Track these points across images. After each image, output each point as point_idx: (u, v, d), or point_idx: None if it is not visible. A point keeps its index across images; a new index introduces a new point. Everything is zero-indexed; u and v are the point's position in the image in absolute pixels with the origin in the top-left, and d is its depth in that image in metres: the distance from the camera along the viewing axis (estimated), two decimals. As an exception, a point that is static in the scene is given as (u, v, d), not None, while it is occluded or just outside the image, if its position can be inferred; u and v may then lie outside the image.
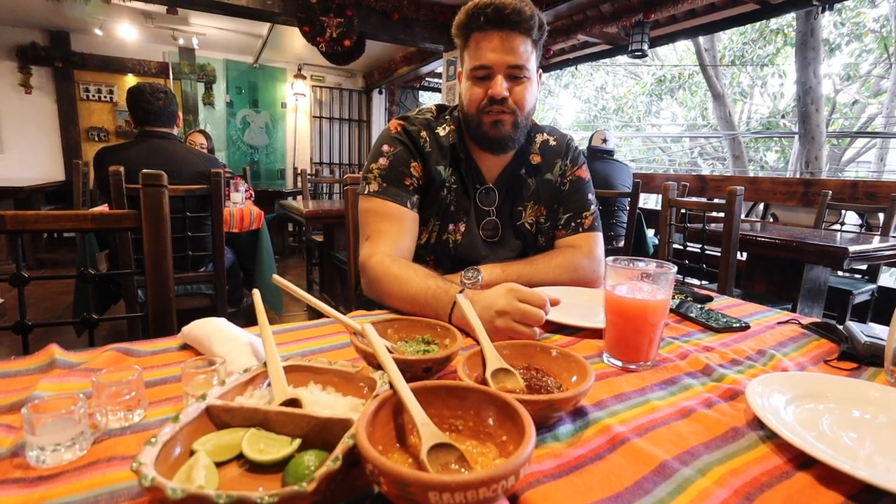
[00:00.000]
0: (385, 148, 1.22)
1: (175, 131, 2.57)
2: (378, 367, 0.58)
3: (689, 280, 2.57)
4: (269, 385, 0.57)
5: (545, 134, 1.33)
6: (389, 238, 1.16)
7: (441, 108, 1.32)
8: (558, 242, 1.30)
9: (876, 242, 2.35)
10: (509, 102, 1.14)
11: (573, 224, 1.29)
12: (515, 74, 1.13)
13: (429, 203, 1.24)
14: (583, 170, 1.33)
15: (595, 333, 0.89)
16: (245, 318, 2.94)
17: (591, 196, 1.32)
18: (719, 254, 2.26)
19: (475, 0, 1.11)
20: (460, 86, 1.22)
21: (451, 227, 1.24)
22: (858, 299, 2.84)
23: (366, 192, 1.21)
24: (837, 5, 3.90)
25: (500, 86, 1.11)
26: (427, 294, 0.96)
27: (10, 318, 3.45)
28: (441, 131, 1.26)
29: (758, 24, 10.41)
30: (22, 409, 0.46)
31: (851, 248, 2.10)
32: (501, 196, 1.28)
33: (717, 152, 13.67)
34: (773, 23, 10.72)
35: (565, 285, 1.17)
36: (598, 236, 1.30)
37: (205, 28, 5.79)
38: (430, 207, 1.24)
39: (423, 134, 1.23)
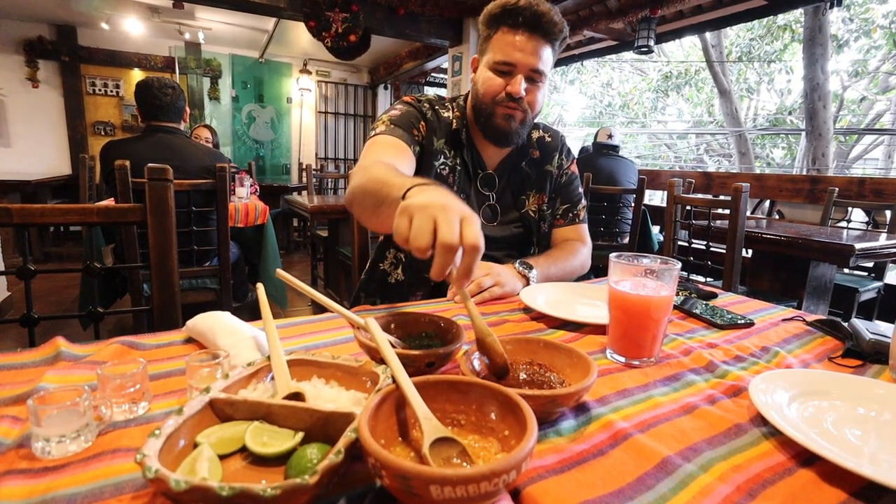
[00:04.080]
0: (399, 106, 1.30)
1: (182, 126, 2.58)
2: (381, 361, 0.58)
3: (693, 277, 2.56)
4: (272, 379, 0.57)
5: (540, 130, 1.43)
6: (381, 155, 1.13)
7: (440, 97, 1.40)
8: (558, 232, 1.42)
9: (883, 240, 2.34)
10: (523, 102, 1.20)
11: (570, 215, 1.42)
12: (534, 78, 1.20)
13: (423, 173, 1.27)
14: (574, 164, 1.46)
15: (598, 329, 0.89)
16: (249, 313, 2.95)
17: (580, 189, 1.47)
18: (724, 251, 2.26)
19: (514, 1, 1.15)
20: (475, 73, 1.27)
21: None
22: (864, 297, 2.83)
23: (372, 136, 1.22)
24: (846, 1, 3.86)
25: (520, 85, 1.17)
26: (389, 182, 0.87)
27: (17, 310, 3.47)
28: (443, 112, 1.33)
29: (765, 20, 10.33)
30: (28, 401, 0.47)
31: (858, 246, 2.09)
32: (502, 183, 1.36)
33: (724, 149, 13.58)
34: (781, 19, 10.62)
35: (576, 273, 1.33)
36: (586, 227, 1.46)
37: (211, 23, 5.79)
38: (425, 178, 1.26)
39: (426, 105, 1.32)
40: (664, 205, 3.77)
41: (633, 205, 3.53)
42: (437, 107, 1.34)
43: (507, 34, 1.16)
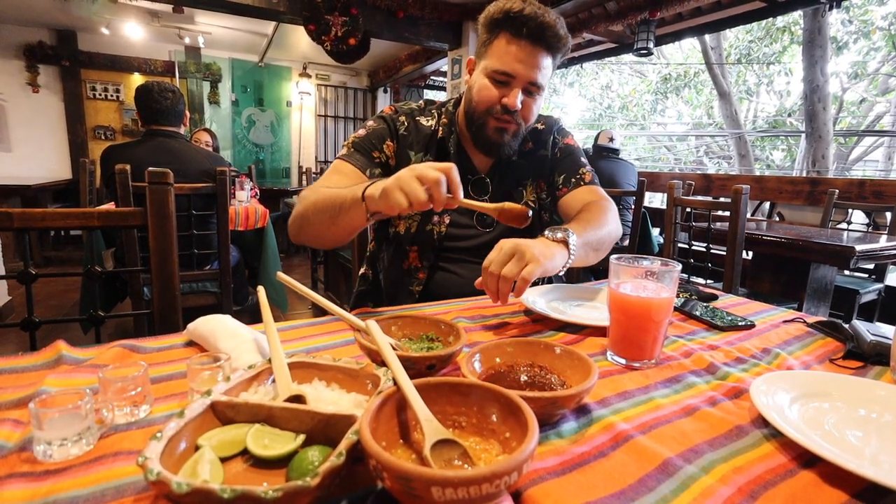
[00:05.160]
0: (370, 123, 1.28)
1: (182, 130, 2.58)
2: (382, 363, 0.58)
3: (694, 279, 2.56)
4: (273, 381, 0.57)
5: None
6: (329, 184, 1.15)
7: (428, 102, 1.36)
8: (563, 200, 1.30)
9: (883, 241, 2.34)
10: (518, 115, 1.17)
11: (573, 180, 1.30)
12: (531, 90, 1.16)
13: None
14: (570, 139, 1.38)
15: (599, 331, 0.89)
16: (250, 316, 2.95)
17: (583, 159, 1.35)
18: (724, 252, 2.26)
19: (519, 7, 1.09)
20: (471, 76, 1.23)
21: (434, 218, 1.26)
22: (865, 299, 2.83)
23: (337, 156, 1.25)
24: (845, 3, 3.87)
25: (517, 98, 1.14)
26: (341, 193, 1.01)
27: (18, 315, 3.48)
28: (424, 121, 1.29)
29: (764, 21, 10.35)
30: (29, 405, 0.47)
31: (858, 248, 2.09)
32: (495, 184, 1.30)
33: (723, 151, 13.58)
34: (780, 21, 10.64)
35: (612, 236, 1.18)
36: (601, 189, 1.30)
37: (210, 27, 5.81)
38: None
39: (402, 119, 1.28)
40: (664, 207, 3.77)
41: (633, 207, 3.53)
42: (417, 116, 1.29)
43: (508, 42, 1.11)
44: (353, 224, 1.03)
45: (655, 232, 3.99)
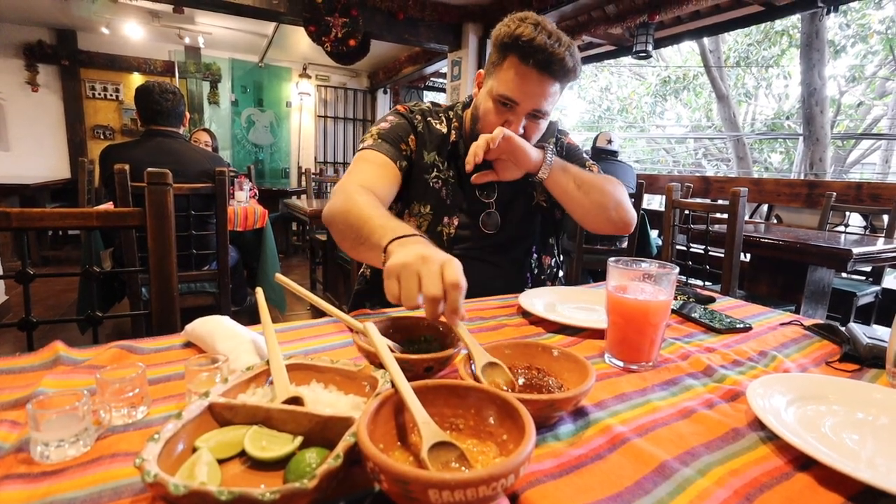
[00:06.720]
0: (390, 118, 1.28)
1: (181, 130, 2.58)
2: (380, 365, 0.58)
3: (692, 281, 2.56)
4: (271, 383, 0.57)
5: None
6: (365, 175, 1.14)
7: (434, 105, 1.36)
8: None
9: (880, 244, 2.35)
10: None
11: None
12: (536, 115, 1.16)
13: (414, 186, 1.26)
14: (570, 138, 1.41)
15: (597, 334, 0.89)
16: (248, 317, 2.95)
17: (585, 155, 1.39)
18: (723, 255, 2.26)
19: (530, 34, 1.05)
20: (478, 90, 1.23)
21: (445, 219, 1.27)
22: (862, 301, 2.83)
23: (360, 149, 1.23)
24: (843, 7, 3.88)
25: (520, 125, 1.15)
26: (376, 222, 0.89)
27: (15, 314, 3.47)
28: (434, 123, 1.30)
29: (763, 25, 10.37)
30: (27, 405, 0.47)
31: (855, 250, 2.09)
32: (503, 185, 1.30)
33: (722, 153, 13.61)
34: (778, 24, 10.67)
35: (608, 191, 1.23)
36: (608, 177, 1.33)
37: (211, 27, 5.80)
38: (415, 191, 1.27)
39: (419, 118, 1.29)
40: (662, 209, 3.77)
41: (631, 209, 3.53)
42: (429, 118, 1.30)
43: (516, 71, 1.09)
44: (372, 262, 0.93)
45: (654, 234, 4.00)
